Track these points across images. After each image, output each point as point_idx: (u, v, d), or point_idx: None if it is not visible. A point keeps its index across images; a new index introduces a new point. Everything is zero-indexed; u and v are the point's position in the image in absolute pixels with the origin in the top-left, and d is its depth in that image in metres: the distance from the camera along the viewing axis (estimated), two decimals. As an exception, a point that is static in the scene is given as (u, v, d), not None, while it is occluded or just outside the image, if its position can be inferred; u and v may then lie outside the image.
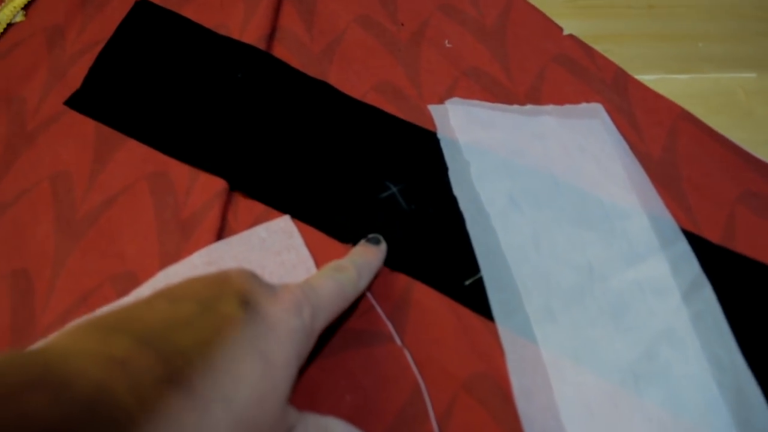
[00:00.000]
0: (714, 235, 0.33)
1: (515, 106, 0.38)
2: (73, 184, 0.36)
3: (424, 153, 0.36)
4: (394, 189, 0.35)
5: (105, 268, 0.32)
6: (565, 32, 0.42)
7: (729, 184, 0.35)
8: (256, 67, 0.40)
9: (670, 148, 0.37)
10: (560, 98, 0.39)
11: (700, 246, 0.33)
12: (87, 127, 0.39)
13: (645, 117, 0.38)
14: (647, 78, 0.40)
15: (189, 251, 0.32)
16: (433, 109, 0.38)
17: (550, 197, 0.34)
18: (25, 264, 0.33)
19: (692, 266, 0.32)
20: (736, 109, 0.39)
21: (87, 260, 0.33)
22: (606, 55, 0.41)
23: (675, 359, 0.29)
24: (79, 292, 0.32)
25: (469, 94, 0.39)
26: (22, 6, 0.47)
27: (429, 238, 0.33)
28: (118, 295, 0.31)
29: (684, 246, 0.33)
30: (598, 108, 0.38)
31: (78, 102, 0.40)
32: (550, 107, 0.38)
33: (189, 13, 0.45)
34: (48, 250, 0.33)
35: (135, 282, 0.32)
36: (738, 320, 0.31)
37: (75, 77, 0.41)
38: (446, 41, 0.42)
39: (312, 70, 0.40)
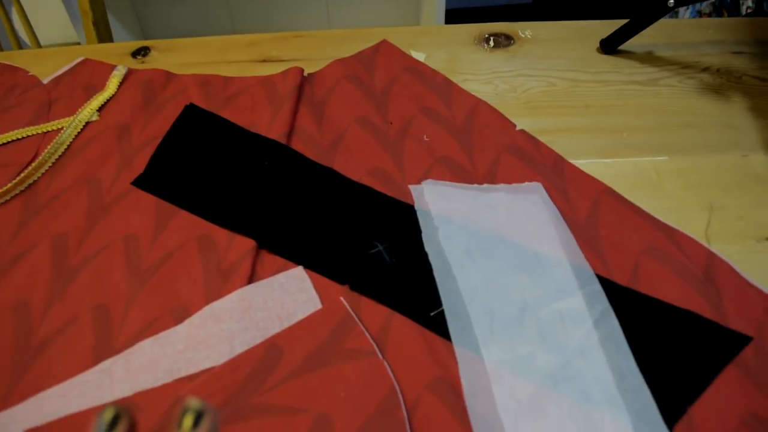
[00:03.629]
0: (622, 279, 0.44)
1: (475, 185, 0.50)
2: (140, 243, 0.48)
3: (404, 220, 0.48)
4: (380, 247, 0.46)
5: (165, 304, 0.44)
6: (518, 128, 0.54)
7: (637, 240, 0.46)
8: (278, 157, 0.53)
9: (593, 215, 0.48)
10: (510, 179, 0.50)
11: (609, 287, 0.43)
12: (149, 201, 0.51)
13: (575, 191, 0.49)
14: (580, 162, 0.52)
15: (227, 292, 0.44)
16: (413, 188, 0.50)
17: (497, 251, 0.45)
18: (105, 301, 0.44)
19: (602, 301, 0.43)
20: (649, 184, 0.50)
21: (151, 298, 0.44)
22: (549, 144, 0.53)
23: (586, 367, 0.40)
24: (145, 321, 0.43)
25: (440, 176, 0.51)
26: (97, 108, 0.60)
27: (405, 282, 0.44)
28: (175, 323, 0.43)
29: (597, 287, 0.43)
30: (538, 186, 0.49)
31: (142, 182, 0.52)
32: (501, 185, 0.50)
33: (227, 114, 0.58)
34: (122, 290, 0.45)
35: (186, 314, 0.43)
36: (636, 340, 0.41)
37: (139, 163, 0.54)
38: (425, 136, 0.54)
39: (321, 159, 0.53)
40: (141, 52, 0.68)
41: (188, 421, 0.22)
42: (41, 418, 0.39)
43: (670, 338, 0.41)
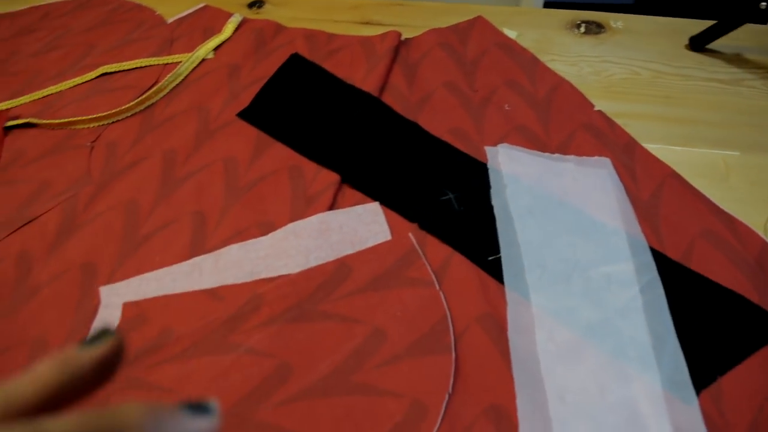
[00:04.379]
0: (674, 255, 0.47)
1: (546, 154, 0.53)
2: (238, 165, 0.54)
3: (475, 176, 0.52)
4: (451, 195, 0.50)
5: (254, 217, 0.49)
6: (596, 108, 0.57)
7: (695, 222, 0.49)
8: (369, 108, 0.57)
9: (656, 194, 0.51)
10: (581, 153, 0.53)
11: (661, 260, 0.46)
12: (250, 131, 0.57)
13: (642, 172, 0.52)
14: (651, 146, 0.54)
15: (309, 215, 0.49)
16: (488, 149, 0.54)
17: (557, 213, 0.49)
18: (203, 208, 0.50)
19: (651, 271, 0.45)
20: (716, 175, 0.52)
21: (243, 211, 0.50)
22: (623, 127, 0.56)
23: (625, 326, 0.43)
24: (236, 229, 0.49)
25: (515, 142, 0.54)
26: (213, 48, 0.67)
27: (469, 228, 0.48)
28: (261, 234, 0.48)
29: (648, 258, 0.46)
30: (606, 161, 0.52)
31: (246, 115, 0.58)
32: (571, 157, 0.53)
33: (327, 66, 0.63)
34: (218, 201, 0.51)
35: (272, 228, 0.48)
36: (678, 311, 0.43)
37: (245, 98, 0.60)
38: (506, 105, 0.58)
39: (407, 114, 0.57)
40: (256, 4, 0.75)
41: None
42: (138, 295, 0.45)
43: (712, 314, 0.44)
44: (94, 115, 0.59)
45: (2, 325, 0.44)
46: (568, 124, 0.56)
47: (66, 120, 0.59)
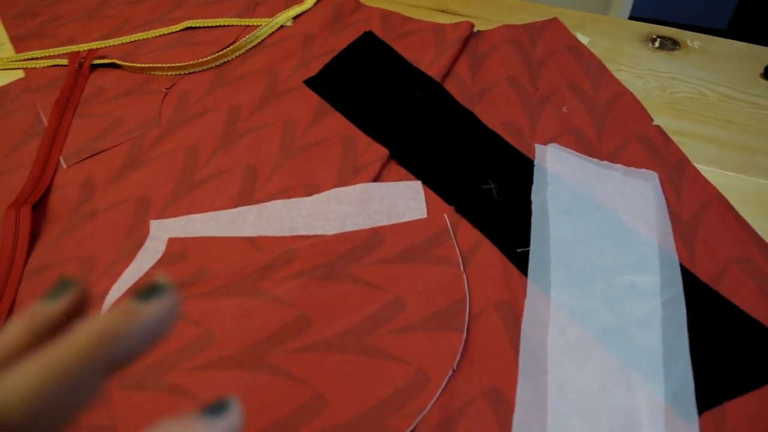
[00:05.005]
0: (704, 276, 0.47)
1: (594, 159, 0.54)
2: (296, 128, 0.56)
3: (520, 170, 0.53)
4: (492, 185, 0.51)
5: (301, 178, 0.52)
6: (654, 122, 0.57)
7: (732, 248, 0.48)
8: (430, 92, 0.59)
9: (698, 215, 0.50)
10: (630, 163, 0.53)
11: (689, 278, 0.46)
12: (313, 98, 0.59)
13: (689, 191, 0.52)
14: (703, 168, 0.54)
15: (353, 183, 0.51)
16: (538, 147, 0.55)
17: (593, 216, 0.49)
18: (256, 163, 0.53)
19: (677, 287, 0.46)
20: (763, 205, 0.51)
21: (293, 171, 0.53)
22: (679, 145, 0.55)
23: (640, 336, 0.43)
24: (283, 186, 0.51)
25: (566, 144, 0.55)
26: (293, 17, 0.70)
27: (504, 219, 0.49)
28: (305, 194, 0.51)
29: (677, 274, 0.46)
30: (653, 175, 0.52)
31: (312, 82, 0.61)
32: (619, 166, 0.53)
33: (397, 47, 0.65)
34: (272, 158, 0.54)
35: (316, 190, 0.51)
36: (697, 331, 0.44)
37: (314, 67, 0.62)
38: (564, 107, 0.58)
39: (465, 103, 0.58)
40: (341, -19, 0.77)
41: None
42: (184, 233, 0.49)
43: (731, 339, 0.44)
44: (173, 65, 0.63)
45: (59, 241, 0.49)
46: (622, 133, 0.56)
47: (147, 65, 0.63)
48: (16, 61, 0.67)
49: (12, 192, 0.52)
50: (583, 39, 0.66)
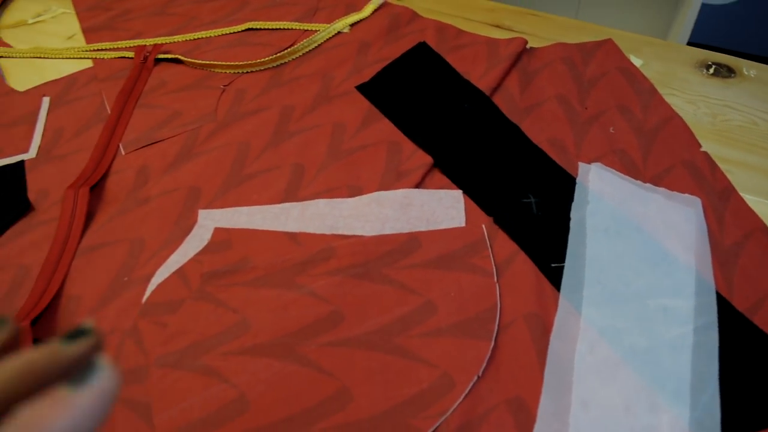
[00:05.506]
0: (741, 305, 0.46)
1: (638, 181, 0.54)
2: (345, 131, 0.58)
3: (562, 187, 0.53)
4: (532, 199, 0.52)
5: (346, 180, 0.53)
6: (702, 149, 0.57)
7: (772, 281, 0.48)
8: (478, 104, 0.60)
9: (740, 244, 0.50)
10: (674, 188, 0.53)
11: (724, 306, 0.46)
12: (363, 104, 0.61)
13: (732, 219, 0.51)
14: (749, 197, 0.53)
15: (396, 188, 0.52)
16: (582, 165, 0.55)
17: (631, 237, 0.49)
18: (304, 162, 0.55)
19: (710, 314, 0.45)
20: (810, 241, 0.51)
21: (338, 172, 0.54)
22: (726, 173, 0.55)
23: (669, 360, 0.43)
24: (327, 186, 0.53)
25: (610, 164, 0.55)
26: (350, 24, 0.72)
27: (541, 233, 0.50)
28: (348, 195, 0.52)
29: (712, 300, 0.46)
30: (696, 201, 0.52)
31: (364, 88, 0.62)
32: (662, 189, 0.53)
33: (449, 59, 0.66)
34: (319, 159, 0.55)
35: (359, 192, 0.52)
36: (728, 360, 0.43)
37: (367, 74, 0.64)
38: (611, 128, 0.58)
39: (512, 117, 0.59)
40: (400, -9, 0.79)
41: None
42: (230, 224, 0.51)
43: (762, 371, 0.43)
44: (233, 63, 0.66)
45: (113, 222, 0.51)
46: (668, 157, 0.56)
47: (208, 62, 0.66)
48: (86, 51, 0.70)
49: (73, 173, 0.55)
50: (637, 61, 0.66)
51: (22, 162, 0.57)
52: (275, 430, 0.39)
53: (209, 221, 0.51)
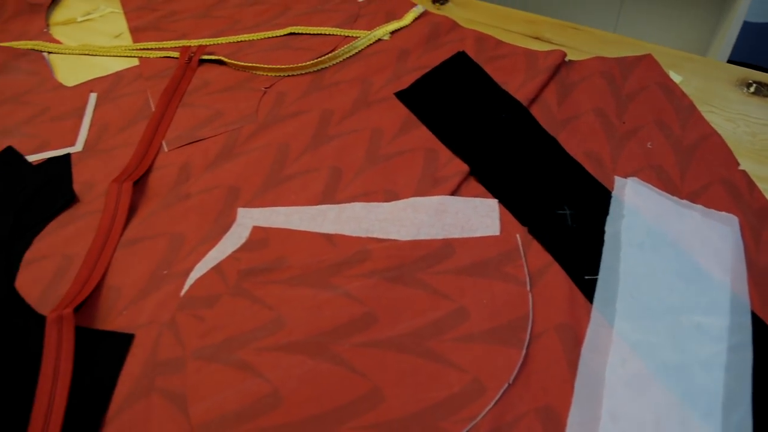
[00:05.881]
0: (775, 326, 0.46)
1: (674, 197, 0.54)
2: (382, 137, 0.59)
3: (597, 200, 0.53)
4: (567, 211, 0.52)
5: (382, 184, 0.54)
6: (740, 167, 0.57)
7: (808, 302, 0.47)
8: (516, 115, 0.60)
9: (776, 264, 0.50)
10: (711, 206, 0.53)
11: (760, 326, 0.46)
12: (402, 110, 0.62)
13: (769, 239, 0.51)
14: (787, 218, 0.53)
15: (431, 194, 0.53)
16: (618, 179, 0.55)
17: (667, 253, 0.49)
18: (341, 165, 0.56)
19: (745, 334, 0.45)
20: None
21: (375, 176, 0.55)
22: (764, 192, 0.55)
23: (701, 377, 0.43)
24: (364, 190, 0.54)
25: (646, 179, 0.55)
26: (390, 31, 0.73)
27: (576, 245, 0.50)
28: (384, 200, 0.53)
29: (747, 320, 0.46)
30: (734, 220, 0.52)
31: (403, 95, 0.63)
32: (699, 207, 0.53)
33: (488, 69, 0.66)
34: (357, 163, 0.56)
35: (395, 197, 0.53)
36: (762, 381, 0.43)
37: (405, 81, 0.65)
38: (649, 143, 0.58)
39: (549, 129, 0.59)
40: (440, 1, 0.79)
41: None
42: (267, 223, 0.52)
43: (798, 393, 0.43)
44: (274, 66, 0.67)
45: (154, 217, 0.53)
46: (706, 175, 0.56)
47: (250, 65, 0.68)
48: (133, 50, 0.72)
49: (117, 167, 0.57)
50: (676, 77, 0.66)
51: (68, 155, 0.59)
52: (307, 425, 0.40)
53: (248, 220, 0.52)
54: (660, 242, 0.50)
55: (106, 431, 0.41)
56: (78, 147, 0.60)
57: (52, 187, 0.56)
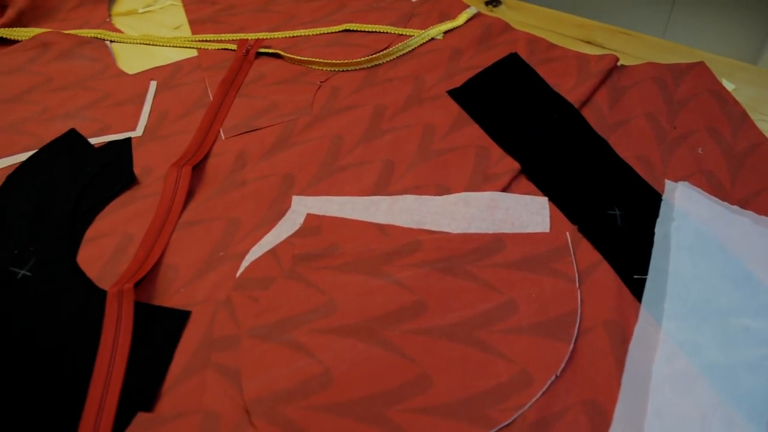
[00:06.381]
0: (825, 334, 0.46)
1: (725, 203, 0.54)
2: (435, 132, 0.60)
3: (648, 203, 0.54)
4: (617, 212, 0.53)
5: (435, 179, 0.55)
6: (792, 176, 0.57)
7: None
8: (567, 116, 0.61)
9: (827, 274, 0.50)
10: (761, 213, 0.53)
11: (808, 333, 0.46)
12: (454, 108, 0.63)
13: (820, 249, 0.51)
14: (839, 229, 0.53)
15: (483, 190, 0.54)
16: (668, 183, 0.55)
17: (716, 257, 0.49)
18: (395, 158, 0.57)
19: (794, 339, 0.45)
20: None
21: (427, 171, 0.56)
22: (816, 203, 0.55)
23: (748, 379, 0.43)
24: (416, 183, 0.55)
25: (697, 184, 0.55)
26: (444, 31, 0.74)
27: (625, 245, 0.50)
28: (436, 193, 0.54)
29: (796, 326, 0.46)
30: (785, 227, 0.52)
31: (455, 93, 0.64)
32: (749, 213, 0.53)
33: (540, 71, 0.67)
34: (409, 157, 0.57)
35: (447, 191, 0.54)
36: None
37: (458, 80, 0.66)
38: (700, 149, 0.59)
39: (600, 131, 0.60)
40: (493, 2, 0.80)
41: None
42: (321, 211, 0.53)
43: None
44: (330, 61, 0.69)
45: (211, 201, 0.54)
46: (757, 182, 0.56)
47: (306, 59, 0.69)
48: (192, 41, 0.74)
49: (175, 153, 0.59)
50: (729, 86, 0.66)
51: (129, 139, 0.61)
52: (356, 406, 0.41)
53: (302, 207, 0.54)
54: (709, 246, 0.51)
55: (163, 402, 0.42)
56: (138, 132, 0.62)
57: (113, 169, 0.58)
